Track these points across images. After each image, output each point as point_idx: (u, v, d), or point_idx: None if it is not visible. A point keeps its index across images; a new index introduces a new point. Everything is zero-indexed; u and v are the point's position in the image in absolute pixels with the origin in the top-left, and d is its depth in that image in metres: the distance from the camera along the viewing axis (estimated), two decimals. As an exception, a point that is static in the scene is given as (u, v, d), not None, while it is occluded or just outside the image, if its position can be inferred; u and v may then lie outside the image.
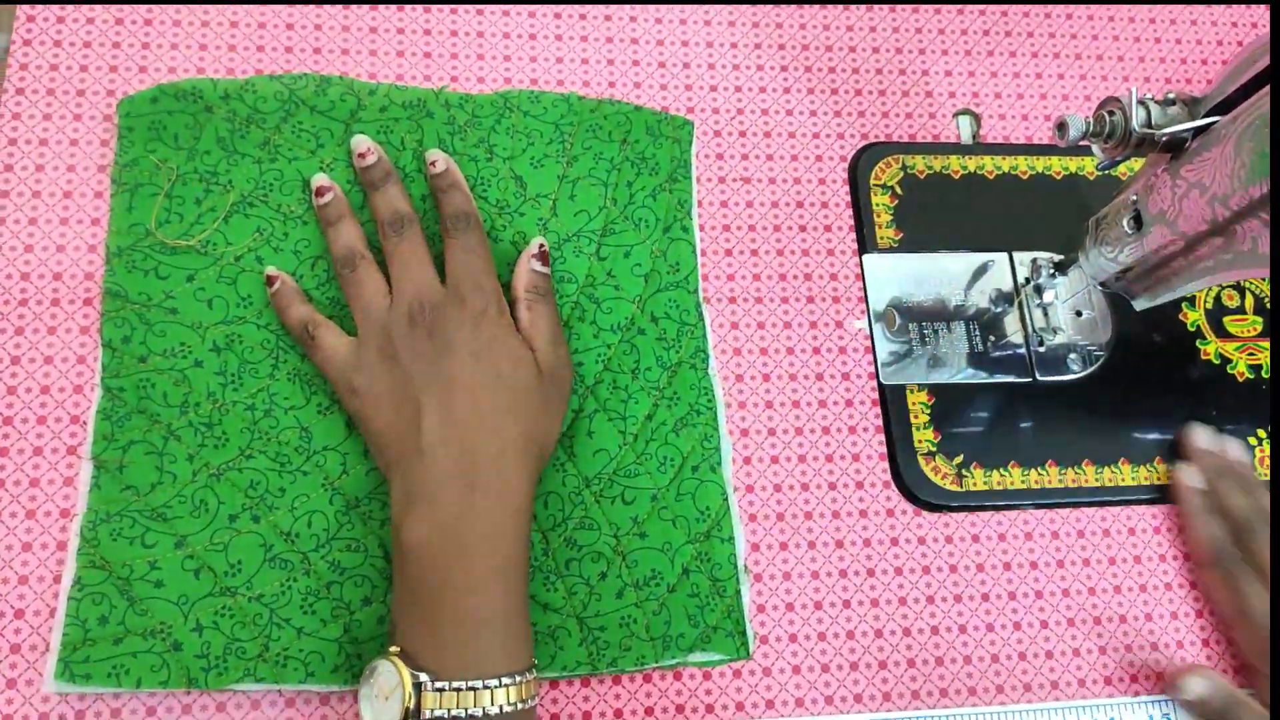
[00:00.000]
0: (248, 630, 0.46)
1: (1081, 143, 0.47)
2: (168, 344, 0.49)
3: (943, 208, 0.59)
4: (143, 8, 0.55)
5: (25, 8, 0.54)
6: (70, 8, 0.55)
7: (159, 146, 0.52)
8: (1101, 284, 0.52)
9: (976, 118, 0.61)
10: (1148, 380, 0.58)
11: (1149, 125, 0.45)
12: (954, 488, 0.54)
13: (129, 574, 0.46)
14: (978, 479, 0.54)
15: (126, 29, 0.55)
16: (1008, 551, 0.54)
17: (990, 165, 0.61)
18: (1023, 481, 0.54)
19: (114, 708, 0.46)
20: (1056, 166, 0.61)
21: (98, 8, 0.55)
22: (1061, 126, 0.48)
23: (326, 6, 0.57)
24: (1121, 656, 0.53)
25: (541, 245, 0.52)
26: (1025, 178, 0.61)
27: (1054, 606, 0.53)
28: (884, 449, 0.55)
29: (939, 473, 0.54)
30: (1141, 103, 0.45)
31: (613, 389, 0.52)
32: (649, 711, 0.49)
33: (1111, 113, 0.46)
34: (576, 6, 0.60)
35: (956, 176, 0.60)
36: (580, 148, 0.56)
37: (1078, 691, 0.52)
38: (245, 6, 0.56)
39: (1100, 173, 0.61)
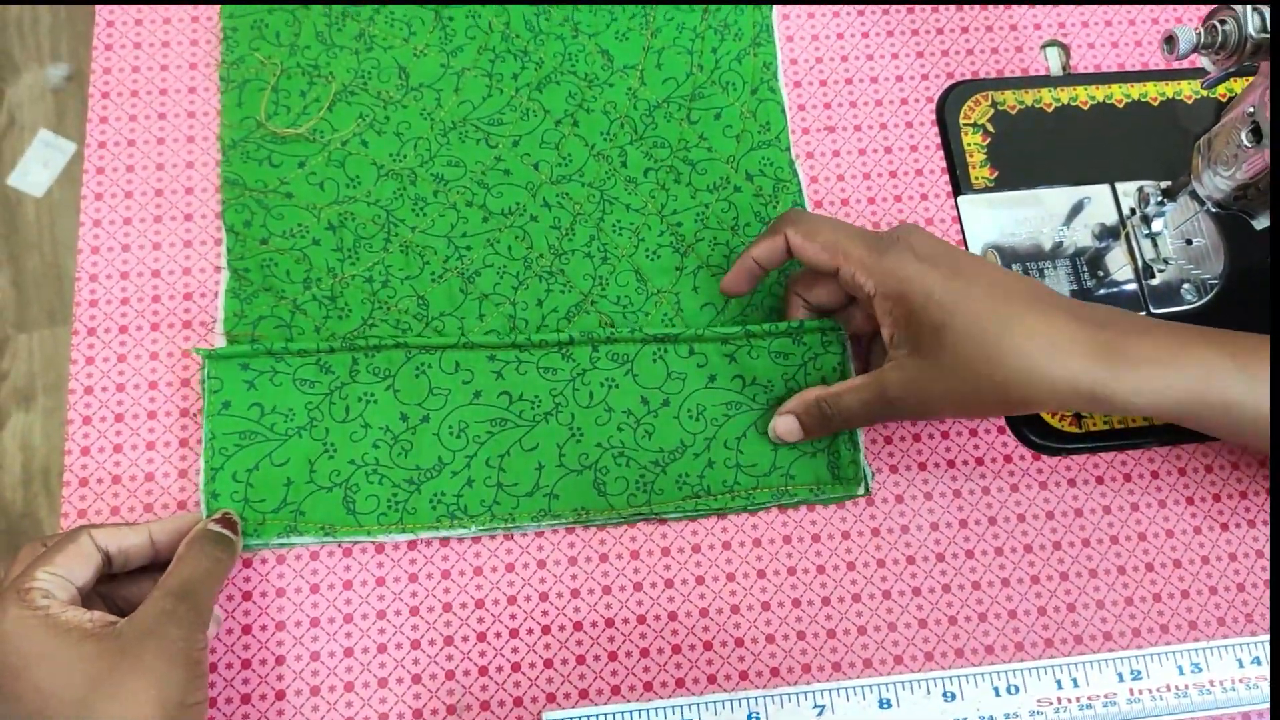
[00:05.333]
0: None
1: (1190, 57, 0.45)
2: (286, 225, 0.52)
3: (1037, 143, 0.57)
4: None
5: (104, 11, 0.55)
6: (147, 9, 0.55)
7: (262, 44, 0.55)
8: (1217, 204, 0.49)
9: (1065, 48, 0.59)
10: (1266, 305, 0.55)
11: (1264, 30, 0.43)
12: (1073, 429, 0.52)
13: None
14: (1098, 419, 0.52)
15: (203, 25, 0.55)
16: (1134, 492, 0.51)
17: (1084, 95, 0.58)
18: (1145, 419, 0.52)
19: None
20: (1153, 92, 0.59)
21: (173, 8, 0.55)
22: (1170, 40, 0.45)
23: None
24: (1261, 594, 0.50)
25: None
26: (1121, 106, 0.58)
27: (1185, 545, 0.51)
28: (995, 394, 0.53)
29: (1056, 415, 0.52)
30: (1255, 8, 0.43)
31: (713, 245, 0.54)
32: (813, 536, 0.48)
33: (1223, 21, 0.44)
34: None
35: (1049, 110, 0.58)
36: (663, 19, 0.58)
37: (1217, 631, 0.50)
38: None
39: (1202, 93, 0.58)
